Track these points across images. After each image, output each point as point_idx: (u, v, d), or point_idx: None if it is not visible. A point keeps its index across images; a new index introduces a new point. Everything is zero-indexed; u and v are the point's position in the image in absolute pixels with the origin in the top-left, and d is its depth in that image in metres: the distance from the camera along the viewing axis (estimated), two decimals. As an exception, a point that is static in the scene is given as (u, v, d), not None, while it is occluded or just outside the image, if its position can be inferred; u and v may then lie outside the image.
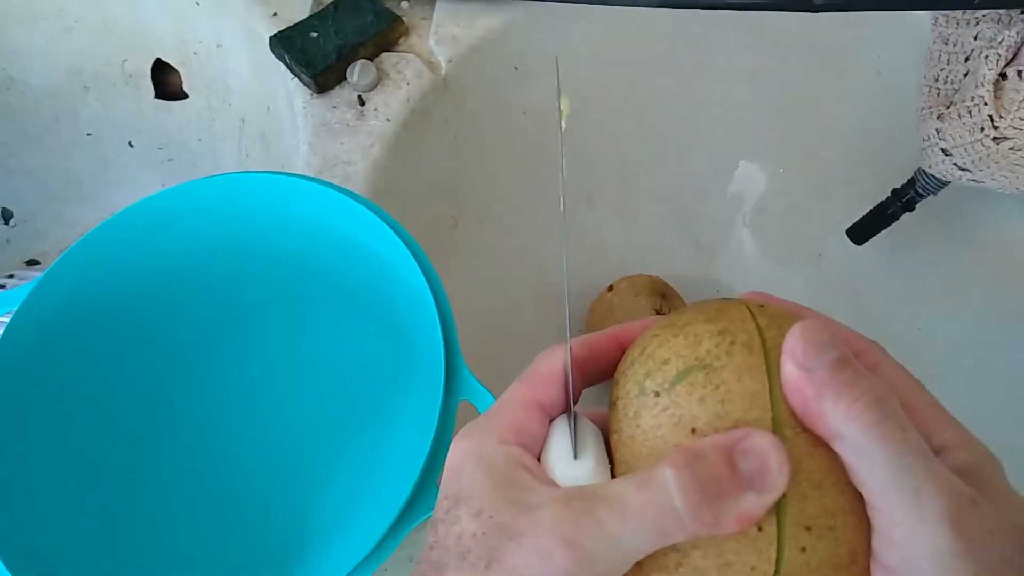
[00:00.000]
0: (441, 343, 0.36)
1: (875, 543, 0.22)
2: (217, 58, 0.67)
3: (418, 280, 0.38)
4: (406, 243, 0.40)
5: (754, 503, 0.21)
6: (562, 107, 0.31)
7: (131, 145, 0.76)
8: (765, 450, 0.21)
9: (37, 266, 0.75)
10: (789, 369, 0.22)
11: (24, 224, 0.76)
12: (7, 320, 0.41)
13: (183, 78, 0.71)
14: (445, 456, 0.34)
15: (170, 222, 0.44)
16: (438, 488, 0.34)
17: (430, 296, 0.37)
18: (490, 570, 0.22)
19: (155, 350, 0.46)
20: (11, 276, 0.70)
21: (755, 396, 0.22)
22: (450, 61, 0.57)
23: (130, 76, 0.71)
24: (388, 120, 0.55)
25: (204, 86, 0.70)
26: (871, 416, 0.21)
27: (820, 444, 0.22)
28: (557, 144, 0.28)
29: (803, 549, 0.22)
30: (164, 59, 0.70)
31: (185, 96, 0.72)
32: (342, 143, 0.54)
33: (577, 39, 0.59)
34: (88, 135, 0.75)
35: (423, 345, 0.39)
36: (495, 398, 0.34)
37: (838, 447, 0.22)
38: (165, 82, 0.72)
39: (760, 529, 0.22)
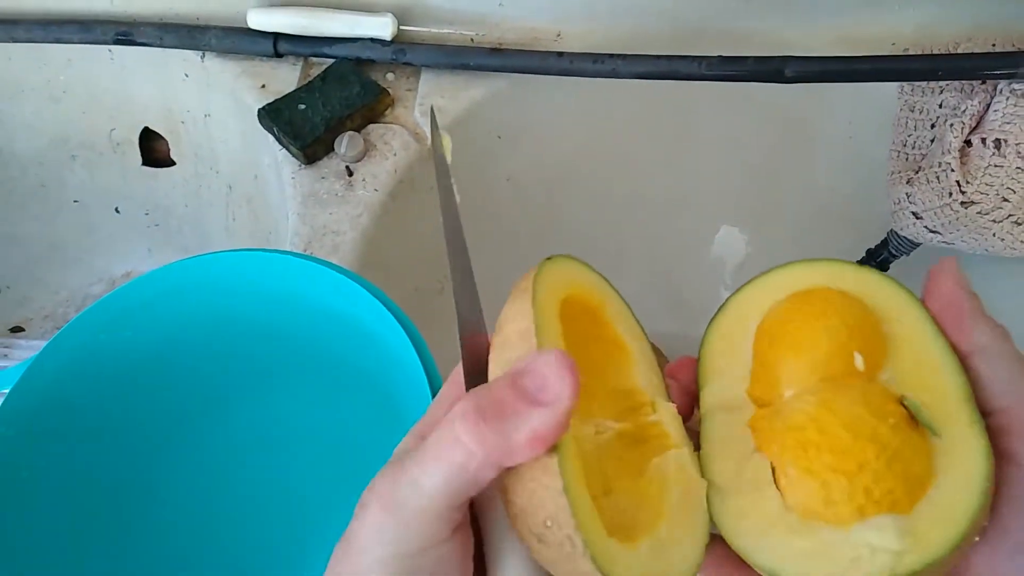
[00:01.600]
0: (434, 418, 0.36)
1: (1013, 446, 0.23)
2: (204, 127, 0.68)
3: (407, 351, 0.39)
4: (394, 314, 0.41)
5: (544, 418, 0.21)
6: (444, 144, 0.35)
7: (117, 211, 0.77)
8: (543, 366, 0.22)
9: (22, 333, 0.74)
10: (950, 286, 0.24)
11: (8, 291, 0.76)
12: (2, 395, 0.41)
13: (170, 146, 0.72)
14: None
15: (160, 301, 0.45)
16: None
17: (419, 366, 0.38)
18: (343, 549, 0.23)
19: (144, 426, 0.46)
20: (-5, 345, 0.70)
21: (524, 333, 0.24)
22: (435, 131, 0.58)
23: (117, 144, 0.72)
24: (376, 190, 0.56)
25: (191, 154, 0.71)
26: (1009, 340, 0.24)
27: None
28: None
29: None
30: (151, 127, 0.71)
31: (172, 163, 0.73)
32: (331, 213, 0.55)
33: (560, 107, 0.61)
34: (75, 202, 0.76)
35: (414, 414, 0.40)
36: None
37: (976, 360, 0.24)
38: (152, 149, 0.73)
39: (554, 452, 0.22)
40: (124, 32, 0.62)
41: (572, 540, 0.22)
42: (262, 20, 0.60)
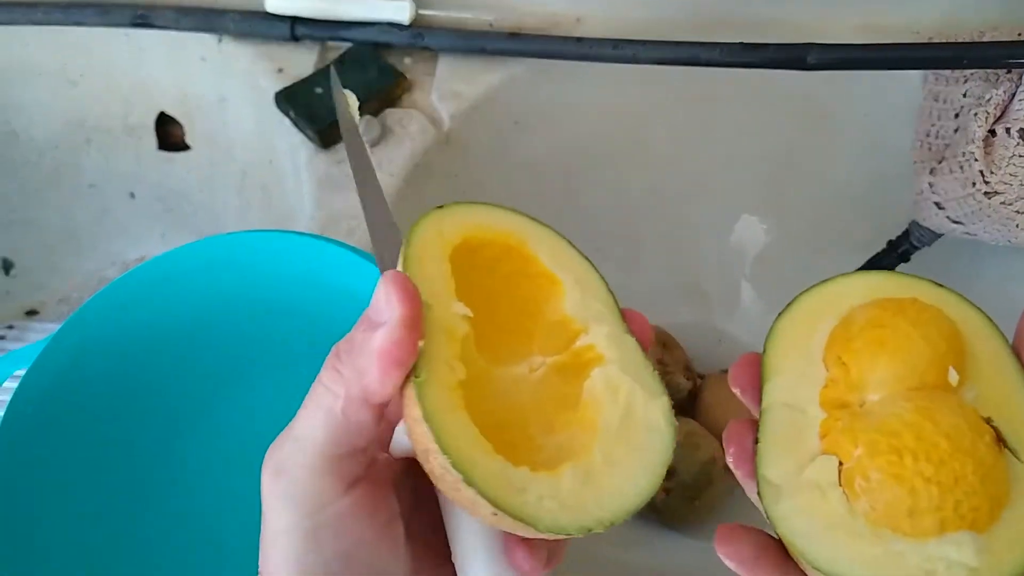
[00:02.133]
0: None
1: None
2: (220, 112, 0.68)
3: None
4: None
5: (381, 337, 0.22)
6: (349, 102, 0.37)
7: (132, 196, 0.77)
8: (376, 290, 0.22)
9: (36, 316, 0.74)
10: None
11: (24, 275, 0.76)
12: (19, 375, 0.41)
13: (185, 130, 0.72)
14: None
15: (177, 281, 0.45)
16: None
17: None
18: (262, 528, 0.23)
19: (160, 405, 0.46)
20: (11, 327, 0.70)
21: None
22: (453, 116, 0.58)
23: (132, 128, 0.72)
24: (392, 175, 0.56)
25: (206, 139, 0.71)
26: None
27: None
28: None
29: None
30: (167, 112, 0.71)
31: (187, 148, 0.73)
32: (346, 198, 0.55)
33: (578, 93, 0.61)
34: (90, 186, 0.76)
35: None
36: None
37: None
38: (167, 134, 0.73)
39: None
40: (142, 15, 0.62)
41: (447, 468, 0.22)
42: (280, 4, 0.59)
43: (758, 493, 0.25)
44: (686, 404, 0.61)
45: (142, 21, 0.62)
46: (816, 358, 0.27)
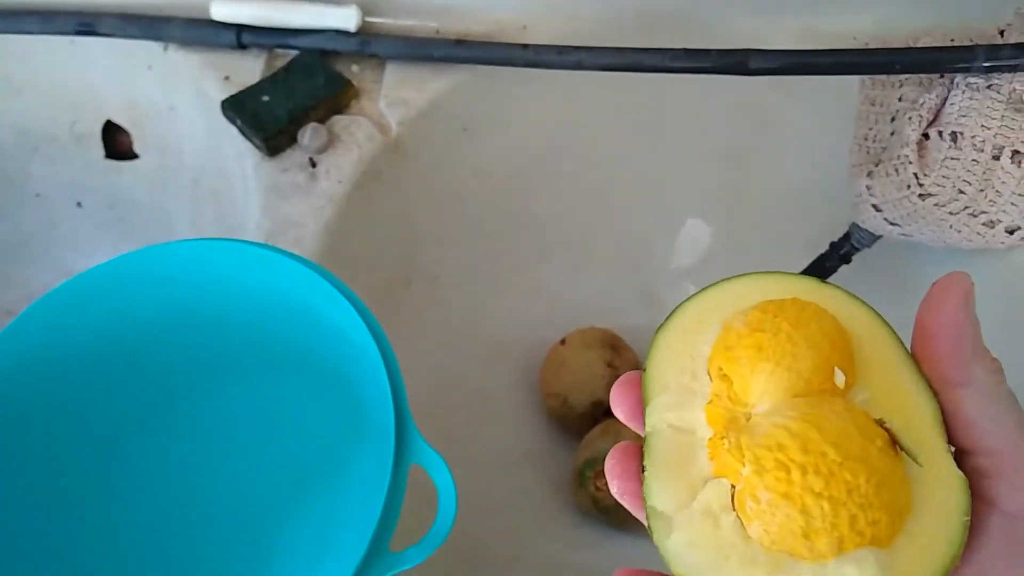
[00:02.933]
0: (391, 409, 0.36)
1: (995, 490, 0.21)
2: (169, 120, 0.67)
3: (368, 345, 0.39)
4: (355, 307, 0.41)
5: None
6: None
7: (79, 205, 0.76)
8: None
9: (-18, 329, 0.73)
10: (953, 306, 0.22)
11: (-32, 287, 0.75)
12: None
13: (133, 139, 0.71)
14: (395, 522, 0.34)
15: (122, 289, 0.44)
16: (390, 553, 0.34)
17: (380, 362, 0.38)
18: None
19: (100, 418, 0.46)
20: (-46, 341, 0.69)
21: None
22: (401, 123, 0.58)
23: (79, 137, 0.71)
24: (340, 182, 0.56)
25: (156, 147, 0.70)
26: (1003, 376, 0.23)
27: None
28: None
29: None
30: (114, 120, 0.70)
31: (136, 157, 0.72)
32: (293, 206, 0.55)
33: (526, 99, 0.61)
34: (36, 196, 0.75)
35: (374, 410, 0.39)
36: (445, 462, 0.35)
37: (965, 394, 0.22)
38: (115, 142, 0.72)
39: None
40: (86, 23, 0.61)
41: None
42: (225, 11, 0.59)
43: (647, 526, 0.23)
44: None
45: (86, 29, 0.61)
46: (700, 372, 0.25)
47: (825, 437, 0.21)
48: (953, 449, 0.22)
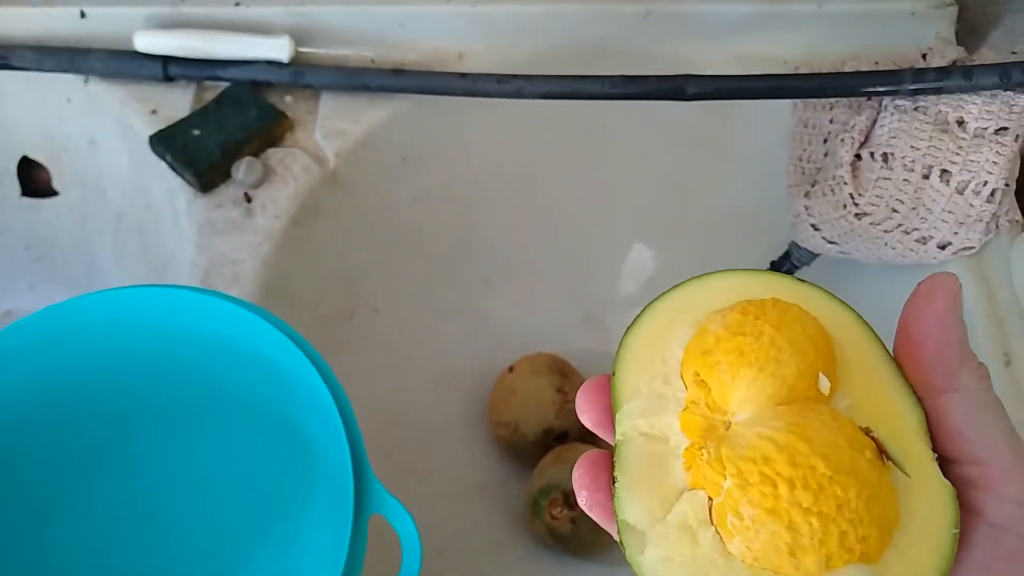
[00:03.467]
0: (348, 455, 0.35)
1: (981, 501, 0.21)
2: (90, 154, 0.64)
3: (321, 391, 0.37)
4: (299, 345, 0.39)
5: None
6: None
7: (-6, 246, 0.72)
8: None
9: None
10: (941, 308, 0.21)
11: None
12: None
13: (52, 174, 0.67)
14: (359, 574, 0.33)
15: (50, 342, 0.42)
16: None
17: (334, 408, 0.36)
18: None
19: (44, 468, 0.44)
20: None
21: None
22: (338, 155, 0.57)
23: (-7, 174, 0.68)
24: (276, 216, 0.54)
25: (76, 182, 0.67)
26: (989, 383, 0.22)
27: None
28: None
29: None
30: (31, 156, 0.66)
31: (55, 193, 0.68)
32: (229, 242, 0.53)
33: (465, 128, 0.61)
34: (-53, 237, 0.71)
35: (327, 455, 0.38)
36: (407, 511, 0.34)
37: (952, 401, 0.21)
38: (32, 178, 0.69)
39: None
40: (-2, 56, 0.58)
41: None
42: (150, 43, 0.57)
43: (619, 542, 0.22)
44: (586, 431, 0.61)
45: (0, 63, 0.58)
46: (673, 376, 0.23)
47: (813, 449, 0.20)
48: (937, 456, 0.21)
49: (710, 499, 0.21)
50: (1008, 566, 0.20)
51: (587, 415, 0.24)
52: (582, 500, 0.23)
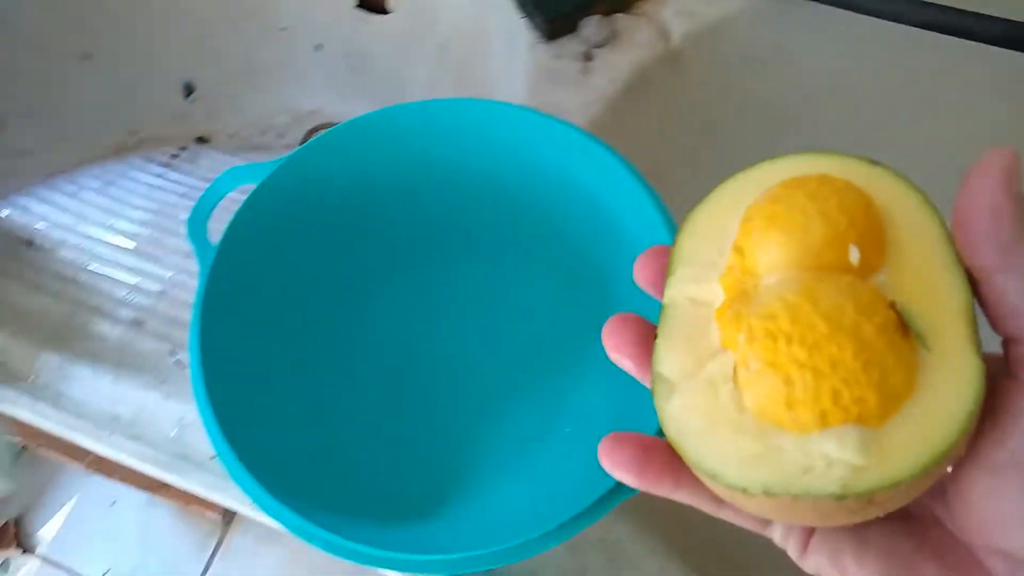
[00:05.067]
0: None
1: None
2: (433, -20, 0.66)
3: (654, 228, 0.38)
4: (652, 199, 0.40)
5: None
6: None
7: (318, 48, 0.76)
8: None
9: (206, 144, 0.76)
10: (993, 182, 0.20)
11: (202, 102, 0.77)
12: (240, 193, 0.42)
13: (389, -7, 0.70)
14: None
15: (392, 138, 0.44)
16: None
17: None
18: None
19: (361, 256, 0.47)
20: (184, 148, 0.71)
21: None
22: (684, 36, 0.55)
23: (339, -20, 0.71)
24: (612, 81, 0.54)
25: (410, 5, 0.70)
26: None
27: None
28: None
29: None
30: (376, -30, 0.70)
31: (387, 12, 0.71)
32: (563, 95, 0.53)
33: (820, 40, 0.57)
34: (281, 30, 0.76)
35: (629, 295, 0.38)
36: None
37: (1003, 277, 0.20)
38: (370, -8, 0.72)
39: None
40: None
41: None
42: None
43: (651, 390, 0.23)
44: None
45: None
46: (727, 248, 0.24)
47: (816, 309, 0.20)
48: (1000, 339, 0.21)
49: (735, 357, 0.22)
50: None
51: (641, 273, 0.25)
52: (624, 357, 0.25)
